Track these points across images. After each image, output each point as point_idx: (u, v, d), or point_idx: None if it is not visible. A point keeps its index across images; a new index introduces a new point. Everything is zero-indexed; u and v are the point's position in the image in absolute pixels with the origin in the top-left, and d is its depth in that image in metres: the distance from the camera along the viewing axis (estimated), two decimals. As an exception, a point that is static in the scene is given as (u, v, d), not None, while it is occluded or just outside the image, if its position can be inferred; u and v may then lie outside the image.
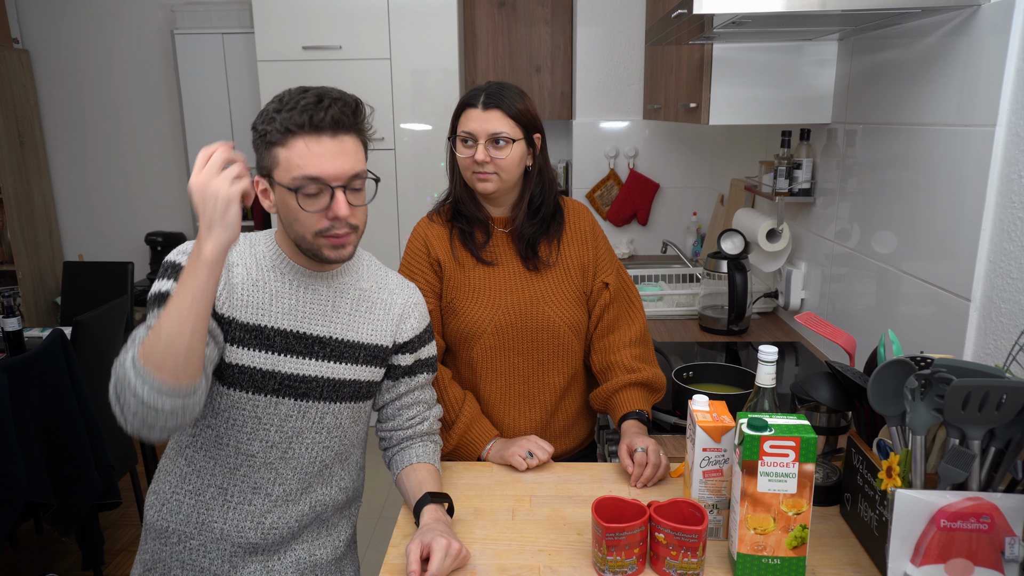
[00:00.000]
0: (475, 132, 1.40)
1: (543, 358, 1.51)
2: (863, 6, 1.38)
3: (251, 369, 1.15)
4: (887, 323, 1.68)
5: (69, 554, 2.77)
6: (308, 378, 1.19)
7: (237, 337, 1.14)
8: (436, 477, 1.29)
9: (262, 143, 1.10)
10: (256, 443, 1.19)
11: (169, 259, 1.15)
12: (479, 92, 1.42)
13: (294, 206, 1.09)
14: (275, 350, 1.16)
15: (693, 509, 1.08)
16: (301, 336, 1.18)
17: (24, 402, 2.09)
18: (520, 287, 1.49)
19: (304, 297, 1.19)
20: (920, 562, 0.97)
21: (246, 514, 1.21)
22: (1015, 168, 1.25)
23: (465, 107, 1.42)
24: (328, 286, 1.22)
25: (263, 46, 3.34)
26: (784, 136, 2.10)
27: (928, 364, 1.04)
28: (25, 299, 3.97)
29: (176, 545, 1.23)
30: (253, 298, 1.16)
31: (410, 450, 1.33)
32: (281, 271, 1.19)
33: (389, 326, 1.27)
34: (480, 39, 3.58)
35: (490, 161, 1.40)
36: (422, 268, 1.49)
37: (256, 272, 1.18)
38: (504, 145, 1.40)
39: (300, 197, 1.08)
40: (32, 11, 4.03)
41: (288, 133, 1.07)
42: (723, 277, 2.25)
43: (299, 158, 1.07)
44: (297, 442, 1.21)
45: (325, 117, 1.07)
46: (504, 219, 1.51)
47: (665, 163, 3.53)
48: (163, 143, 4.17)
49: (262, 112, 1.12)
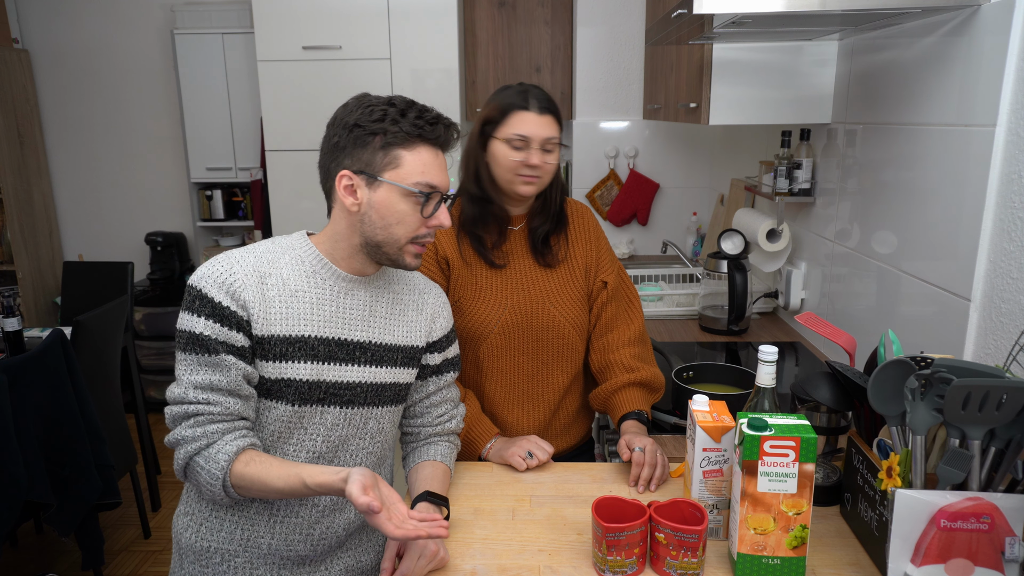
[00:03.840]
0: (532, 136, 1.39)
1: (547, 358, 1.51)
2: (863, 6, 1.38)
3: (296, 381, 1.14)
4: (887, 323, 1.68)
5: (69, 554, 2.77)
6: (352, 384, 1.18)
7: (279, 352, 1.12)
8: (445, 478, 1.29)
9: (370, 139, 1.11)
10: (303, 453, 1.17)
11: (199, 288, 1.09)
12: (527, 95, 1.41)
13: (405, 208, 1.12)
14: (319, 359, 1.15)
15: (693, 509, 1.08)
16: (343, 343, 1.17)
17: (24, 402, 2.09)
18: (526, 287, 1.49)
19: (344, 303, 1.18)
20: (920, 562, 0.97)
21: (294, 527, 1.19)
22: (1015, 168, 1.25)
23: (515, 109, 1.40)
24: (366, 290, 1.21)
25: (263, 46, 3.33)
26: (784, 136, 2.10)
27: (928, 364, 1.04)
28: (25, 299, 3.97)
29: (219, 564, 1.19)
30: (293, 310, 1.13)
31: (431, 447, 1.33)
32: (322, 277, 1.17)
33: (422, 326, 1.28)
34: (480, 39, 3.58)
35: (541, 165, 1.41)
36: (429, 267, 1.48)
37: (294, 281, 1.15)
38: (553, 150, 1.42)
39: (416, 200, 1.13)
40: (32, 11, 4.03)
41: (418, 139, 1.12)
42: (723, 277, 2.25)
43: (425, 164, 1.12)
44: (343, 450, 1.21)
45: (447, 136, 1.15)
46: (518, 217, 1.52)
47: (665, 163, 3.53)
48: (163, 143, 4.17)
49: (369, 111, 1.11)
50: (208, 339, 1.08)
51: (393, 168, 1.11)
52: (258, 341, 1.11)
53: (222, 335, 1.08)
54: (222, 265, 1.11)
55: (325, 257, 1.18)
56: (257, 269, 1.13)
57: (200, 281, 1.10)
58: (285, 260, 1.16)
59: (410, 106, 1.13)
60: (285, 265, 1.15)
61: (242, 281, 1.10)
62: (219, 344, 1.08)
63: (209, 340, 1.08)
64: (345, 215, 1.15)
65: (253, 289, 1.11)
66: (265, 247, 1.17)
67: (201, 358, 1.09)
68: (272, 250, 1.17)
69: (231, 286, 1.09)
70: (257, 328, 1.11)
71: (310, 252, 1.18)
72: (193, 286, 1.10)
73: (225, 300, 1.09)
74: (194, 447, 1.08)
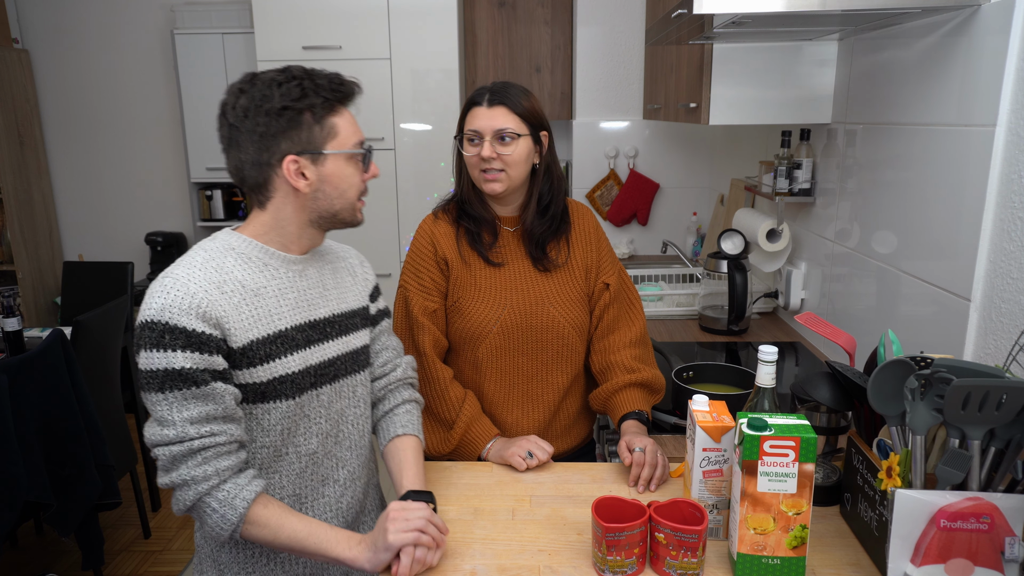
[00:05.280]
0: (481, 129, 1.41)
1: (547, 358, 1.51)
2: (863, 6, 1.38)
3: (291, 375, 1.14)
4: (887, 323, 1.68)
5: (69, 554, 2.77)
6: (333, 359, 1.21)
7: (265, 353, 1.11)
8: (419, 454, 1.31)
9: (299, 117, 1.09)
10: (313, 439, 1.19)
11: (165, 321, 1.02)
12: (484, 91, 1.44)
13: (351, 171, 1.15)
14: (300, 347, 1.16)
15: (693, 509, 1.08)
16: (314, 324, 1.19)
17: (24, 402, 2.09)
18: (526, 287, 1.49)
19: (301, 285, 1.19)
20: (920, 562, 0.97)
21: (323, 507, 1.23)
22: (1015, 168, 1.25)
23: (471, 106, 1.44)
24: (313, 267, 1.22)
25: (263, 46, 3.34)
26: (784, 136, 2.10)
27: (928, 364, 1.04)
28: (25, 299, 3.97)
29: (260, 558, 1.20)
30: (261, 309, 1.12)
31: (394, 418, 1.35)
32: (274, 267, 1.16)
33: (360, 285, 1.31)
34: (480, 39, 3.58)
35: (496, 158, 1.40)
36: (428, 267, 1.48)
37: (251, 281, 1.12)
38: (510, 141, 1.40)
39: (359, 160, 1.16)
40: (32, 11, 4.03)
41: (339, 103, 1.13)
42: (723, 277, 2.25)
43: (352, 125, 1.15)
44: (344, 422, 1.24)
45: (354, 91, 1.16)
46: (512, 219, 1.52)
47: (665, 163, 3.53)
48: (163, 143, 4.17)
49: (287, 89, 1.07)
50: (191, 371, 1.02)
51: (333, 138, 1.12)
52: (241, 352, 1.08)
53: (204, 363, 1.03)
54: (179, 290, 1.04)
55: (271, 247, 1.16)
56: (211, 280, 1.07)
57: (164, 314, 1.02)
58: (231, 263, 1.11)
59: (310, 75, 1.12)
60: (234, 267, 1.11)
61: (206, 299, 1.05)
62: (203, 373, 1.03)
63: (193, 372, 1.02)
64: (292, 198, 1.13)
65: (220, 303, 1.06)
66: (202, 257, 1.10)
67: (188, 392, 1.03)
68: (212, 258, 1.11)
69: (199, 308, 1.03)
70: (235, 340, 1.07)
71: (253, 246, 1.14)
72: (157, 321, 1.02)
73: (199, 326, 1.03)
74: (205, 487, 1.04)
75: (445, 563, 1.12)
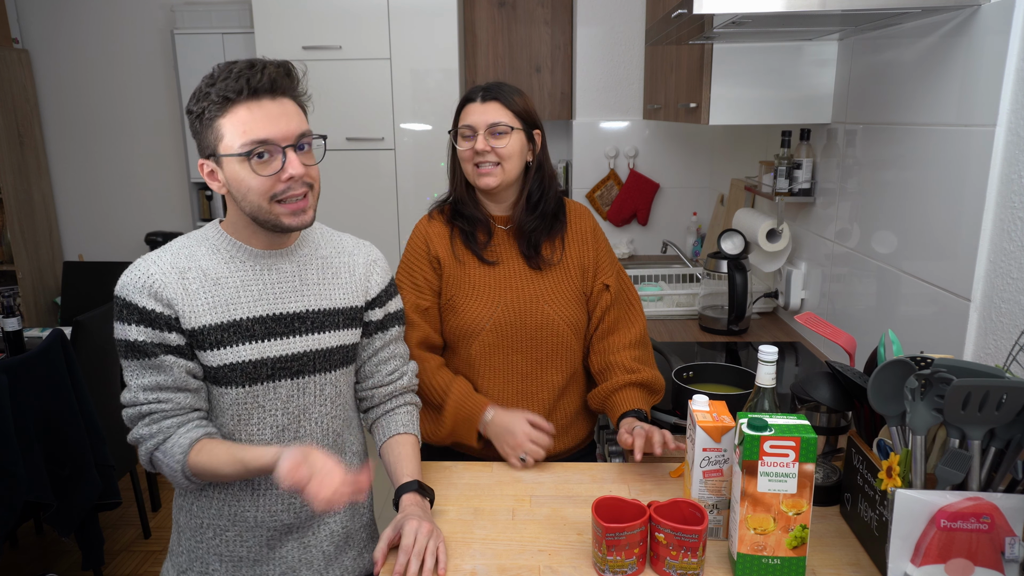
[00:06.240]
0: (475, 124, 1.43)
1: (542, 356, 1.51)
2: (863, 6, 1.38)
3: (241, 364, 1.16)
4: (887, 323, 1.68)
5: (69, 554, 2.77)
6: (298, 355, 1.21)
7: (215, 340, 1.14)
8: (415, 451, 1.31)
9: (200, 122, 1.10)
10: (267, 430, 1.20)
11: (123, 297, 1.12)
12: (478, 88, 1.46)
13: (246, 174, 1.09)
14: (257, 338, 1.17)
15: (693, 509, 1.08)
16: (279, 317, 1.19)
17: (24, 402, 2.09)
18: (520, 285, 1.49)
19: (270, 279, 1.20)
20: (920, 562, 0.97)
21: (276, 498, 1.23)
22: (1015, 168, 1.25)
23: (465, 103, 1.46)
24: (290, 262, 1.22)
25: (263, 46, 3.34)
26: (784, 136, 2.10)
27: (928, 364, 1.04)
28: (25, 299, 3.97)
29: (212, 539, 1.24)
30: (218, 297, 1.15)
31: (394, 417, 1.35)
32: (240, 260, 1.18)
33: (357, 286, 1.29)
34: (480, 39, 3.57)
35: (491, 151, 1.42)
36: (421, 266, 1.50)
37: (214, 270, 1.16)
38: (503, 134, 1.42)
39: (253, 162, 1.09)
40: (32, 11, 4.03)
41: (227, 102, 1.07)
42: (723, 277, 2.25)
43: (243, 124, 1.07)
44: (305, 419, 1.23)
45: (262, 79, 1.07)
46: (505, 217, 1.52)
47: (665, 163, 3.53)
48: (163, 143, 4.17)
49: (194, 93, 1.10)
50: (144, 344, 1.12)
51: (221, 140, 1.09)
52: (191, 334, 1.14)
53: (156, 338, 1.12)
54: (139, 270, 1.13)
55: (238, 240, 1.19)
56: (175, 266, 1.15)
57: (123, 290, 1.13)
58: (202, 252, 1.18)
59: (224, 70, 1.08)
60: (203, 256, 1.17)
61: (161, 281, 1.12)
62: (155, 347, 1.12)
63: (145, 345, 1.12)
64: (228, 198, 1.16)
65: (174, 286, 1.13)
66: (181, 243, 1.19)
67: (142, 362, 1.13)
68: (188, 244, 1.18)
69: (151, 287, 1.12)
70: (186, 322, 1.13)
71: (223, 239, 1.19)
72: (118, 296, 1.13)
73: (150, 304, 1.11)
74: (152, 443, 1.15)
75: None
